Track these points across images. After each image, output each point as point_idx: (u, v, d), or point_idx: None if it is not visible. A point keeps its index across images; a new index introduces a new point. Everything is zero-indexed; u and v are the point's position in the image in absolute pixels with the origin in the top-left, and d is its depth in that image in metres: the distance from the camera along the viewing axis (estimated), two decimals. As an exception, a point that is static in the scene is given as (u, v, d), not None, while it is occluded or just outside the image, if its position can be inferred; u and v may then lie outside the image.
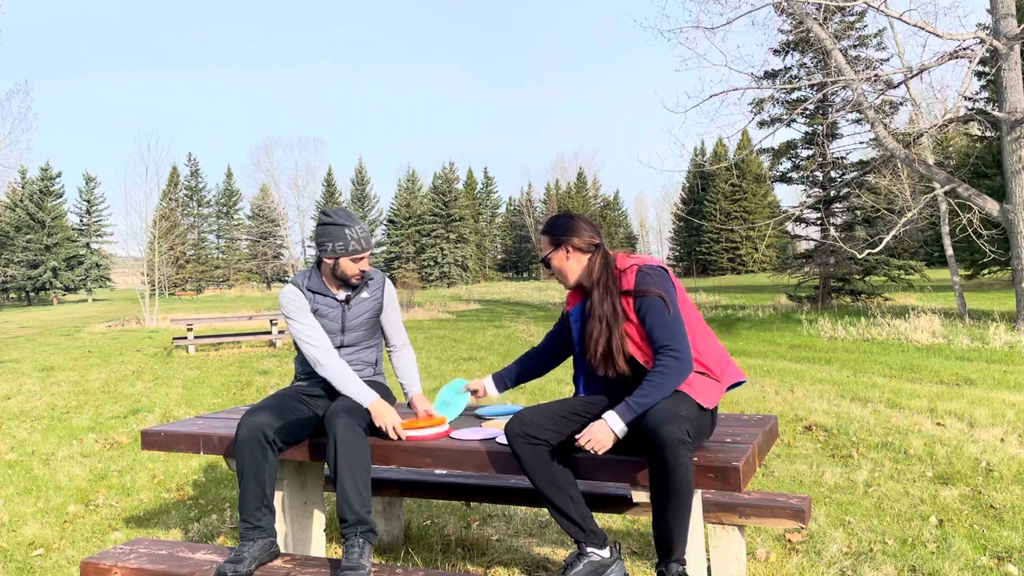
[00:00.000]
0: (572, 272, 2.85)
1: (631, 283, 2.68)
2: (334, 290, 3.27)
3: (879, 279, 25.20)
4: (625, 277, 2.71)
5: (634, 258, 2.78)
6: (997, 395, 7.28)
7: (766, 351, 11.98)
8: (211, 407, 8.28)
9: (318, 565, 2.81)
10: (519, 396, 8.37)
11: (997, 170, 26.87)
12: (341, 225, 3.15)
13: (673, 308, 2.63)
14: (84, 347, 17.57)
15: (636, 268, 2.71)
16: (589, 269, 2.81)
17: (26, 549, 3.94)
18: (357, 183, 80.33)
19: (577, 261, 2.83)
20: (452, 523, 4.10)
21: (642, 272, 2.69)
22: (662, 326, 2.60)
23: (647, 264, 2.73)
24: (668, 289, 2.67)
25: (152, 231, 34.09)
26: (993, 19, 14.22)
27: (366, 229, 3.23)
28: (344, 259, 3.17)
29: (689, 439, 2.39)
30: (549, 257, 2.89)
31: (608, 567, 2.64)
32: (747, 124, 18.47)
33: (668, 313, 2.61)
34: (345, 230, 3.15)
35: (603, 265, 2.78)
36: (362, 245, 3.18)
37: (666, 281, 2.69)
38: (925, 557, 3.37)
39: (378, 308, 3.36)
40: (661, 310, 2.62)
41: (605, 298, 2.71)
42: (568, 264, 2.85)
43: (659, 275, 2.69)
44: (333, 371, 3.13)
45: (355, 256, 3.17)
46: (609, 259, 2.80)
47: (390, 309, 3.41)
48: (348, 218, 3.19)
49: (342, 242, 3.14)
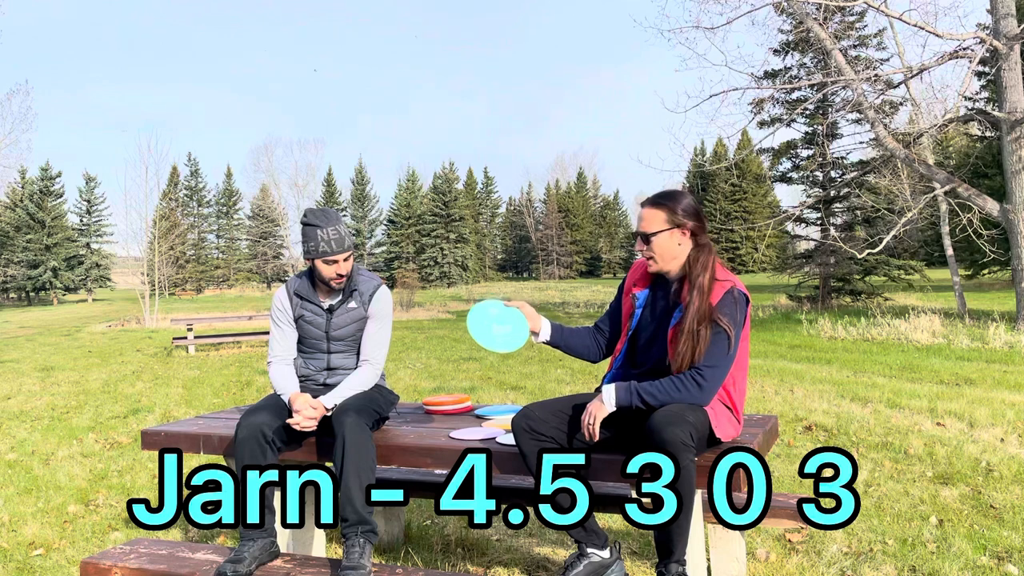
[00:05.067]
0: (676, 257, 2.63)
1: (716, 298, 2.55)
2: (321, 297, 3.22)
3: (879, 279, 25.21)
4: (715, 289, 2.56)
5: (728, 273, 2.63)
6: (997, 395, 7.28)
7: (766, 351, 11.98)
8: (211, 407, 8.28)
9: (318, 565, 2.81)
10: (519, 396, 8.37)
11: (997, 170, 26.87)
12: (314, 226, 3.06)
13: (733, 347, 2.52)
14: (84, 347, 17.57)
15: (728, 286, 2.57)
16: (696, 262, 2.60)
17: (26, 549, 3.94)
18: (357, 183, 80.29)
19: (685, 249, 2.63)
20: (452, 523, 4.10)
21: (729, 295, 2.55)
22: (713, 354, 2.50)
23: (737, 288, 2.58)
24: (740, 322, 2.56)
25: (152, 231, 34.12)
26: (993, 19, 14.23)
27: (342, 230, 3.09)
28: (318, 261, 3.09)
29: (692, 442, 2.37)
30: (658, 233, 2.62)
31: (608, 567, 2.64)
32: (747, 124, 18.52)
33: (725, 351, 2.51)
34: (317, 231, 3.05)
35: (712, 268, 2.59)
36: (332, 247, 3.05)
37: (742, 312, 2.58)
38: (925, 557, 3.37)
39: (364, 319, 3.24)
40: (722, 343, 2.51)
41: (703, 304, 2.53)
42: (678, 249, 2.62)
43: (741, 305, 2.57)
44: (271, 376, 3.19)
45: (326, 258, 3.07)
46: (715, 262, 2.62)
47: (372, 321, 3.22)
48: (323, 218, 3.08)
49: (314, 243, 3.06)
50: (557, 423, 2.65)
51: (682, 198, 2.65)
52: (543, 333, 2.88)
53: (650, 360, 2.71)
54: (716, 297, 2.55)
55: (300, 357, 3.31)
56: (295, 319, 3.26)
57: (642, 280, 2.80)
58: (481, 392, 8.73)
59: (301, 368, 3.29)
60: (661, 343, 2.67)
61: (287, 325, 3.26)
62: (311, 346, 3.27)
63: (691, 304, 2.54)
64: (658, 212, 2.63)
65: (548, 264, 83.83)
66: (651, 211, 2.64)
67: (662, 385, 2.52)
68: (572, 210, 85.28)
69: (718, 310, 2.53)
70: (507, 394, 8.53)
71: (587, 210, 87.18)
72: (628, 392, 2.53)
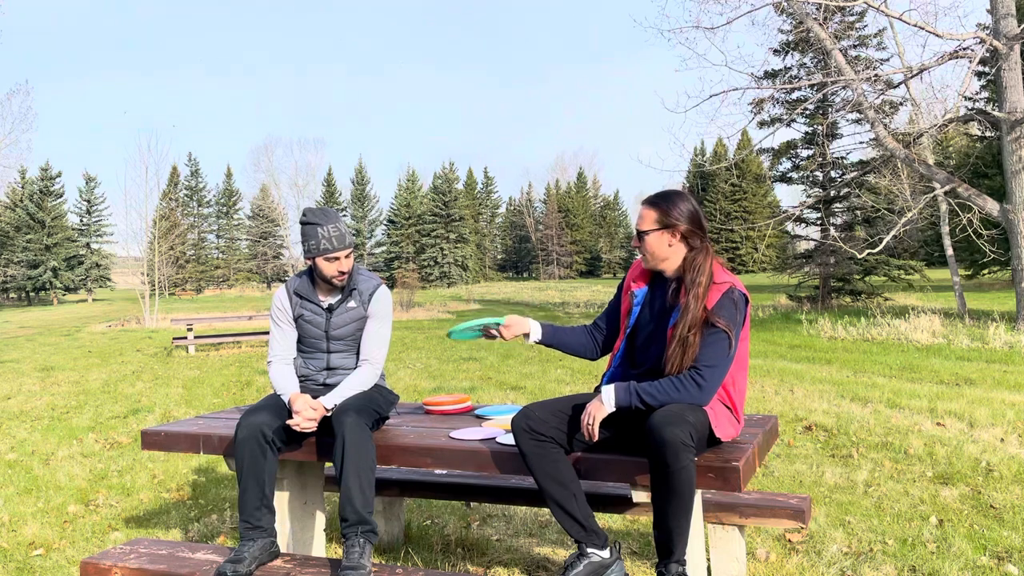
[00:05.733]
0: (669, 258, 2.65)
1: (713, 301, 2.55)
2: (321, 296, 3.23)
3: (879, 279, 25.20)
4: (711, 292, 2.57)
5: (727, 274, 2.63)
6: (997, 395, 7.28)
7: (766, 351, 11.98)
8: (211, 407, 8.28)
9: (318, 565, 2.81)
10: (519, 396, 8.37)
11: (997, 170, 26.86)
12: (314, 224, 3.09)
13: (732, 347, 2.52)
14: (84, 347, 17.56)
15: (726, 288, 2.56)
16: (691, 263, 2.60)
17: (26, 549, 3.94)
18: (357, 183, 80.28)
19: (679, 249, 2.64)
20: (452, 523, 4.10)
21: (727, 297, 2.55)
22: (712, 354, 2.51)
23: (735, 288, 2.58)
24: (739, 322, 2.56)
25: (152, 231, 34.11)
26: (993, 19, 14.22)
27: (342, 227, 3.11)
28: (319, 259, 3.11)
29: (692, 442, 2.37)
30: (649, 232, 2.65)
31: (608, 568, 2.63)
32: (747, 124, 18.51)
33: (725, 352, 2.51)
34: (318, 229, 3.08)
35: (709, 269, 2.58)
36: (334, 244, 3.08)
37: (742, 313, 2.58)
38: (925, 557, 3.37)
39: (364, 318, 3.25)
40: (722, 344, 2.51)
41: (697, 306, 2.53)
42: (671, 249, 2.64)
43: (740, 305, 2.57)
44: (271, 376, 3.19)
45: (328, 255, 3.08)
46: (712, 263, 2.61)
47: (372, 320, 3.24)
48: (322, 216, 3.11)
49: (315, 241, 3.08)
50: (557, 423, 2.65)
51: (678, 200, 2.65)
52: (533, 334, 2.94)
53: (649, 359, 2.71)
54: (713, 300, 2.55)
55: (300, 357, 3.31)
56: (295, 318, 3.26)
57: (641, 278, 2.80)
58: (481, 392, 8.73)
59: (301, 368, 3.29)
60: (660, 342, 2.67)
61: (287, 325, 3.26)
62: (311, 346, 3.27)
63: (686, 310, 2.55)
64: (651, 212, 2.66)
65: (548, 264, 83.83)
66: (646, 210, 2.68)
67: (661, 385, 2.52)
68: (572, 210, 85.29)
69: (715, 312, 2.53)
70: (507, 394, 8.53)
71: (587, 210, 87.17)
72: (627, 392, 2.53)
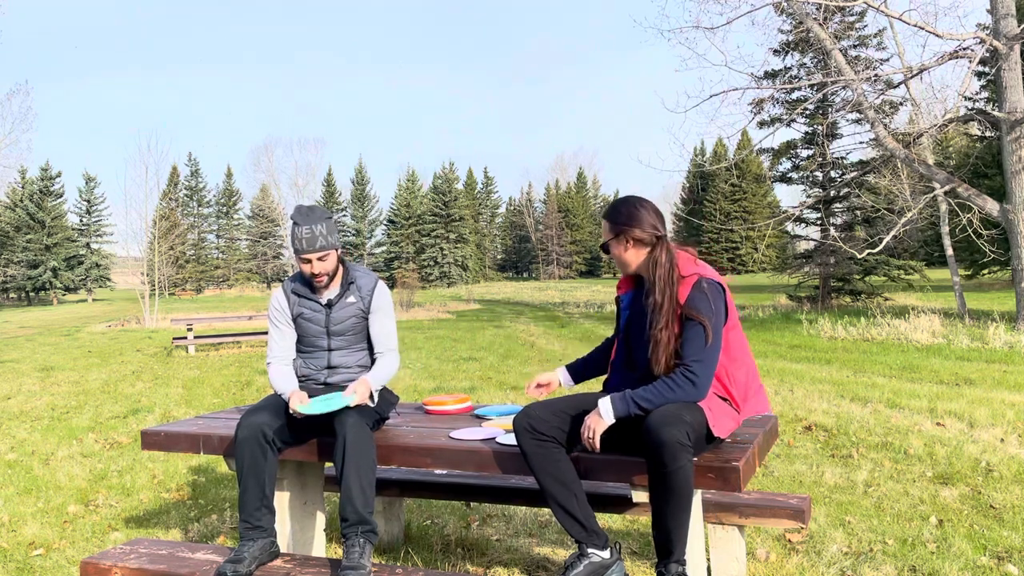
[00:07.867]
0: (631, 263, 2.72)
1: (684, 295, 2.56)
2: (319, 292, 3.24)
3: (879, 279, 25.20)
4: (682, 286, 2.58)
5: (697, 266, 2.65)
6: (997, 395, 7.28)
7: (766, 351, 11.98)
8: (211, 407, 8.28)
9: (318, 565, 2.81)
10: (519, 396, 8.37)
11: (997, 170, 26.87)
12: (294, 223, 3.10)
13: (714, 337, 2.53)
14: (84, 347, 17.56)
15: (695, 279, 2.58)
16: (649, 263, 2.66)
17: (26, 549, 3.94)
18: (357, 183, 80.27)
19: (637, 253, 2.70)
20: (452, 523, 4.10)
21: (696, 288, 2.56)
22: (696, 348, 2.52)
23: (706, 278, 2.59)
24: (718, 311, 2.56)
25: (152, 231, 34.08)
26: (993, 19, 14.22)
27: (318, 229, 3.06)
28: (297, 258, 3.13)
29: (689, 442, 2.37)
30: (609, 244, 2.75)
31: (608, 568, 2.63)
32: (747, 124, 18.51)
33: (706, 342, 2.52)
34: (295, 228, 3.09)
35: (668, 265, 2.62)
36: (303, 245, 3.06)
37: (719, 301, 2.57)
38: (925, 557, 3.37)
39: (364, 313, 3.26)
40: (700, 337, 2.52)
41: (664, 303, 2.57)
42: (627, 255, 2.72)
43: (714, 294, 2.57)
44: (271, 376, 3.20)
45: (300, 255, 3.09)
46: (672, 258, 2.64)
47: (377, 315, 3.26)
48: (303, 216, 3.09)
49: (292, 239, 3.12)
50: (558, 423, 2.65)
51: (622, 207, 2.72)
52: (564, 382, 3.03)
53: (645, 362, 2.71)
54: (684, 294, 2.57)
55: (300, 357, 3.31)
56: (294, 318, 3.26)
57: (625, 283, 2.87)
58: (481, 392, 8.73)
59: (301, 368, 3.29)
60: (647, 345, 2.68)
61: (285, 325, 3.27)
62: (311, 344, 3.27)
63: (655, 308, 2.60)
64: (605, 223, 2.77)
65: (548, 264, 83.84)
66: (604, 222, 2.79)
67: (656, 388, 2.53)
68: (572, 210, 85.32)
69: (688, 306, 2.55)
70: (507, 394, 8.53)
71: (587, 210, 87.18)
72: (624, 402, 2.54)
